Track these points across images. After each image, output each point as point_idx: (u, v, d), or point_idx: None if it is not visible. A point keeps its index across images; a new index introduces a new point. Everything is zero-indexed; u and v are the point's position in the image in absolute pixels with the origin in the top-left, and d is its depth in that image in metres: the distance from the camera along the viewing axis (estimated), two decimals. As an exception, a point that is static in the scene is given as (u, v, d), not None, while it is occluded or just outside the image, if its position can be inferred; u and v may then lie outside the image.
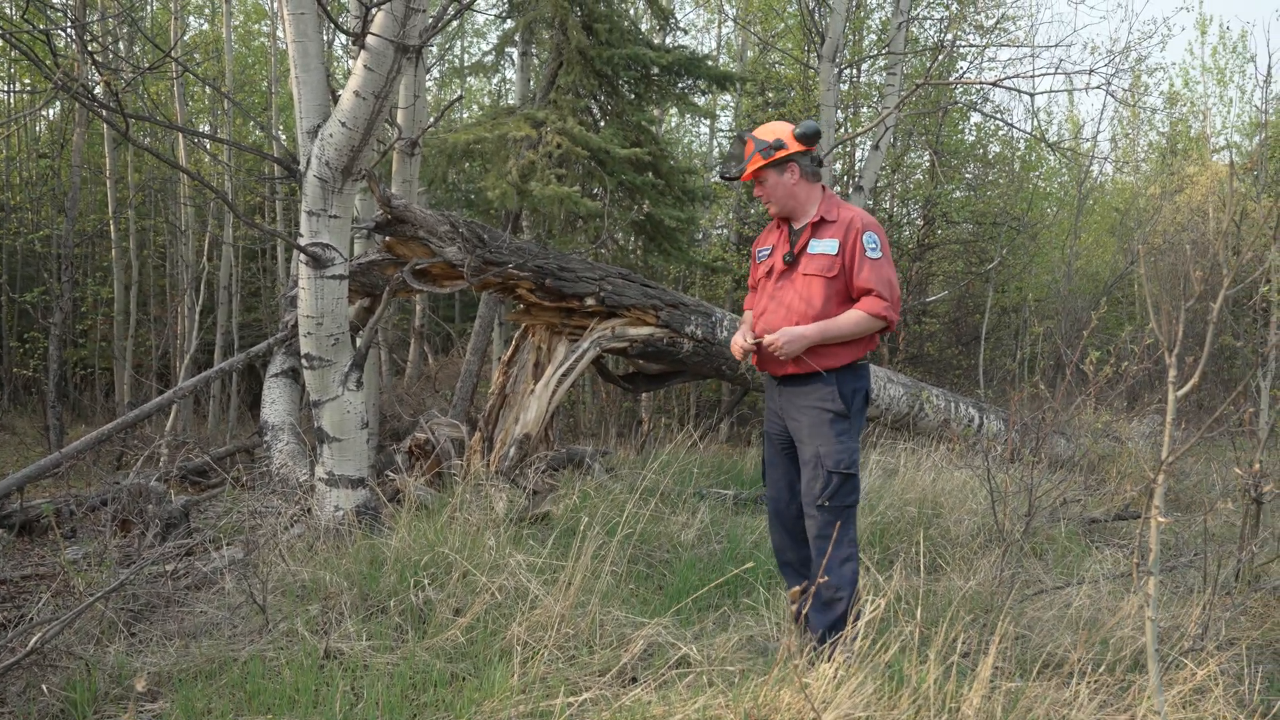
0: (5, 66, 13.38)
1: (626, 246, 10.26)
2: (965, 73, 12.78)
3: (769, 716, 2.36)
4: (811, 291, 3.12)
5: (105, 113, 4.30)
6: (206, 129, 14.39)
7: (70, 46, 9.24)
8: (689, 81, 7.98)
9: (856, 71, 13.44)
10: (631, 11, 11.60)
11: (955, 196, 14.17)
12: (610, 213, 7.43)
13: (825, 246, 3.12)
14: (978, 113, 13.02)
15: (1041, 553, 4.57)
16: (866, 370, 3.19)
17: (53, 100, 12.18)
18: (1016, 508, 4.21)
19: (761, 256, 3.35)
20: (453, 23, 11.22)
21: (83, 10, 9.37)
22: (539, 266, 5.24)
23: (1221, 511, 5.25)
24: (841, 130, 11.70)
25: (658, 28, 10.19)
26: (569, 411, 10.82)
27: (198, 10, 15.45)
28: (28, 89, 12.31)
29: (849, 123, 12.72)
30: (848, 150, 13.30)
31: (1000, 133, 14.79)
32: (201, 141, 10.99)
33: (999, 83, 8.48)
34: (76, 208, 10.59)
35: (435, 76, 15.74)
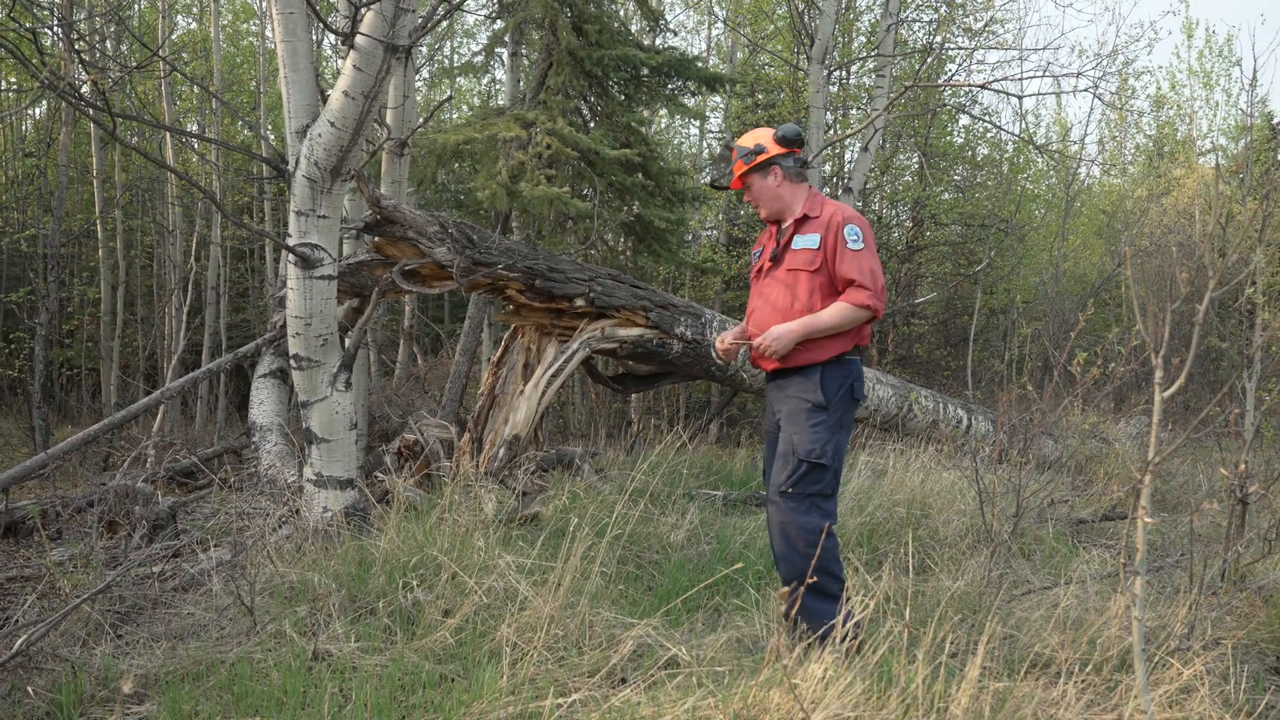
0: (-9, 65, 13.29)
1: (616, 247, 10.27)
2: (954, 75, 12.85)
3: (758, 717, 2.36)
4: (796, 286, 3.15)
5: (92, 112, 4.28)
6: (194, 128, 14.31)
7: (57, 45, 9.18)
8: (679, 83, 8.00)
9: (846, 73, 13.49)
10: (621, 13, 11.63)
11: (944, 198, 14.24)
12: (600, 214, 7.43)
13: (807, 241, 3.16)
14: (966, 115, 13.10)
15: (1029, 553, 4.59)
16: (856, 365, 3.19)
17: (39, 99, 12.11)
18: (1004, 508, 4.23)
19: (755, 258, 3.40)
20: (442, 23, 11.18)
21: (69, 8, 9.32)
22: (528, 267, 5.23)
23: (1207, 512, 5.27)
24: (831, 132, 11.73)
25: (648, 29, 10.19)
26: (558, 412, 10.81)
27: (186, 9, 15.38)
28: (14, 88, 12.21)
29: (838, 124, 12.76)
30: (837, 152, 13.35)
31: (989, 135, 14.88)
32: (189, 141, 10.94)
33: (987, 85, 8.52)
34: (63, 207, 10.51)
35: (425, 77, 15.73)
